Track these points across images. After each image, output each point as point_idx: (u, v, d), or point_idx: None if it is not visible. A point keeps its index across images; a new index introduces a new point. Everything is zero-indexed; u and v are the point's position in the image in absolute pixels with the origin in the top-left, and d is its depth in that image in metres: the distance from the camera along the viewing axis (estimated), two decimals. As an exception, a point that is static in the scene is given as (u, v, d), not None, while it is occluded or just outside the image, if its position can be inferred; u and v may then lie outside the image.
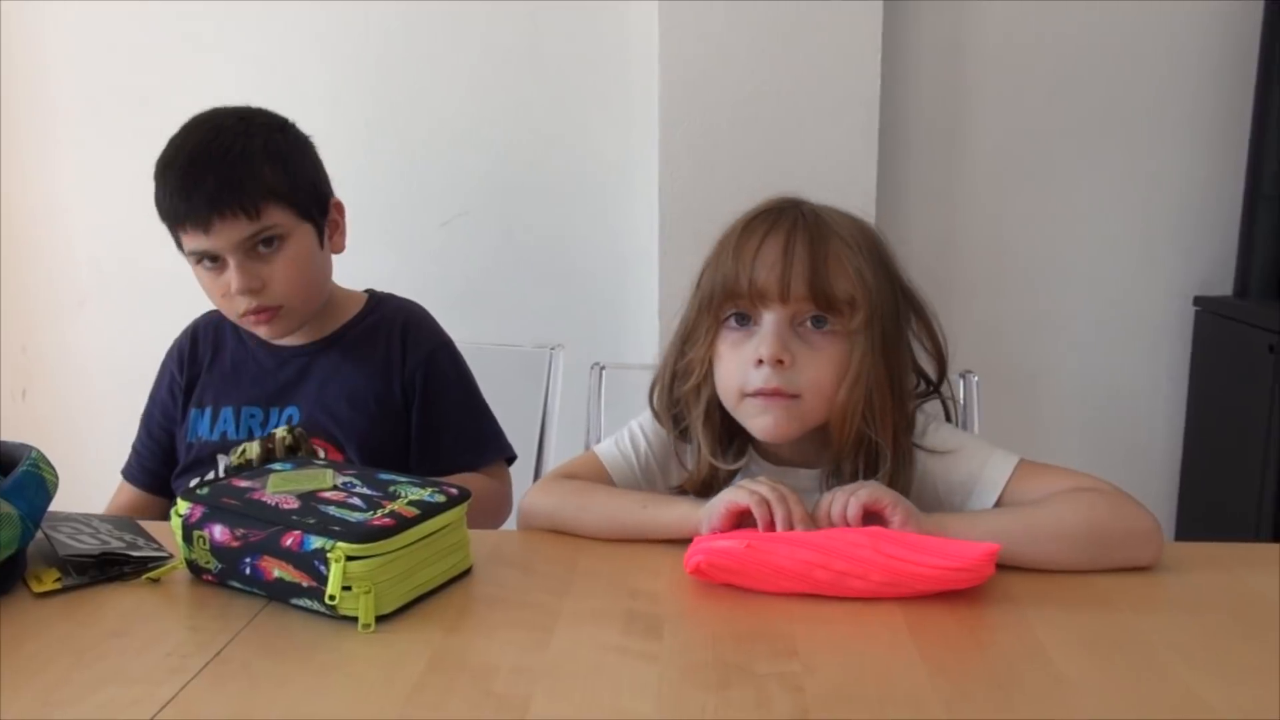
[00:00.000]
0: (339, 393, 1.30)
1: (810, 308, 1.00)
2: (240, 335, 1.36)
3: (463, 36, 2.00)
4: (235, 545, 0.87)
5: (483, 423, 1.36)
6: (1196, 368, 2.04)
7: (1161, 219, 2.03)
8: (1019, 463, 1.02)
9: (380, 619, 0.83)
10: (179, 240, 1.24)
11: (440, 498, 0.91)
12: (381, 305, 1.38)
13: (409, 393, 1.32)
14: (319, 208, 1.30)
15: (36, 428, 2.14)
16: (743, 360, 1.01)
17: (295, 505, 0.88)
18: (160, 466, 1.36)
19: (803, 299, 0.99)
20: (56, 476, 0.95)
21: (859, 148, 1.88)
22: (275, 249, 1.23)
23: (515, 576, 0.94)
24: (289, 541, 0.84)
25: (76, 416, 2.16)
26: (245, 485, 0.93)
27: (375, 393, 1.30)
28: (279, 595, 0.86)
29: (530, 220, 2.06)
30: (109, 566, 0.93)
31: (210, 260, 1.23)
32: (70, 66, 2.06)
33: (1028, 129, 2.01)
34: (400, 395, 1.31)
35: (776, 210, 1.04)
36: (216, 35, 2.02)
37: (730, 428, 1.07)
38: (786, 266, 0.99)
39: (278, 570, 0.84)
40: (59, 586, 0.90)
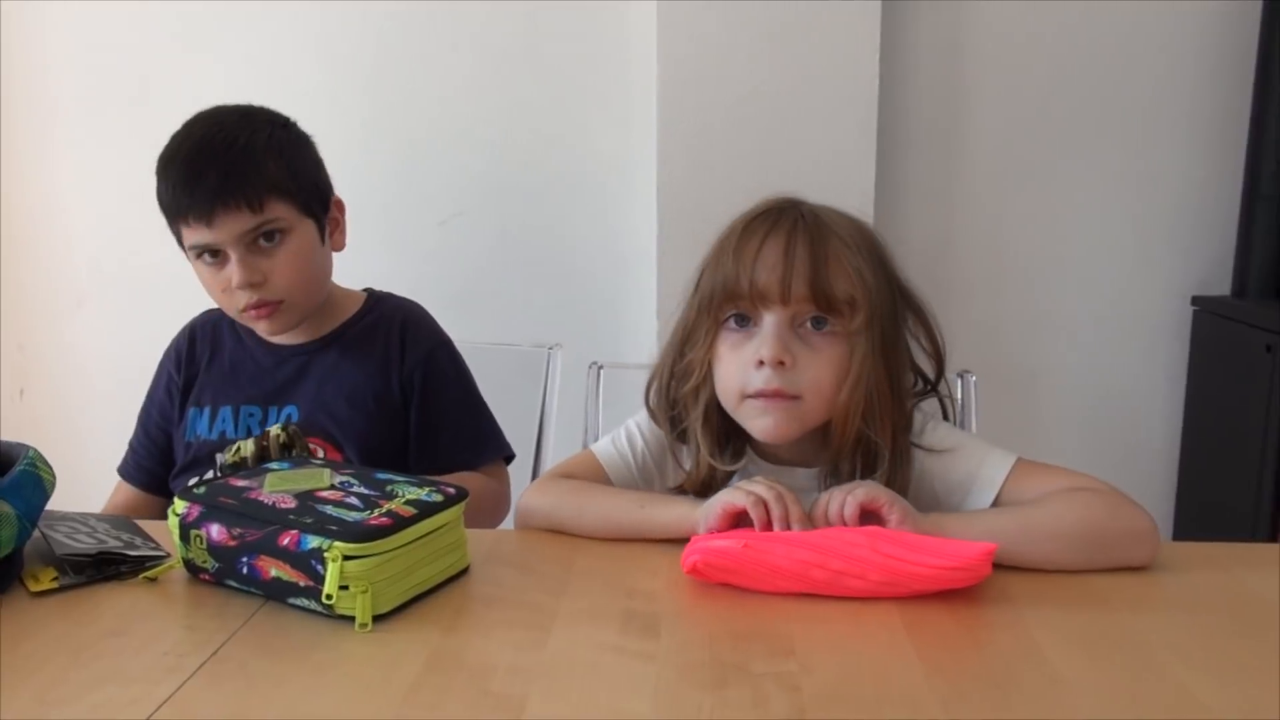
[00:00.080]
0: (338, 392, 1.30)
1: (811, 309, 1.00)
2: (239, 334, 1.36)
3: (460, 36, 2.00)
4: (232, 544, 0.87)
5: (481, 422, 1.36)
6: (1194, 367, 2.04)
7: (1159, 219, 2.03)
8: (1016, 461, 1.02)
9: (377, 618, 0.83)
10: (180, 235, 1.24)
11: (438, 497, 0.91)
12: (380, 304, 1.38)
13: (408, 391, 1.32)
14: (320, 204, 1.30)
15: (34, 427, 2.15)
16: (743, 362, 1.01)
17: (292, 505, 0.88)
18: (157, 465, 1.36)
19: (803, 300, 0.99)
20: (53, 476, 0.94)
21: (857, 147, 1.88)
22: (277, 243, 1.23)
23: (513, 576, 0.94)
24: (286, 541, 0.84)
25: (74, 416, 2.16)
26: (242, 485, 0.93)
27: (374, 391, 1.30)
28: (276, 595, 0.86)
29: (528, 220, 2.06)
30: (106, 566, 0.93)
31: (211, 255, 1.23)
32: (69, 66, 2.06)
33: (1026, 129, 2.01)
34: (399, 394, 1.31)
35: (776, 211, 1.04)
36: (214, 35, 2.02)
37: (729, 428, 1.07)
38: (787, 268, 0.99)
39: (275, 570, 0.84)
40: (56, 586, 0.90)
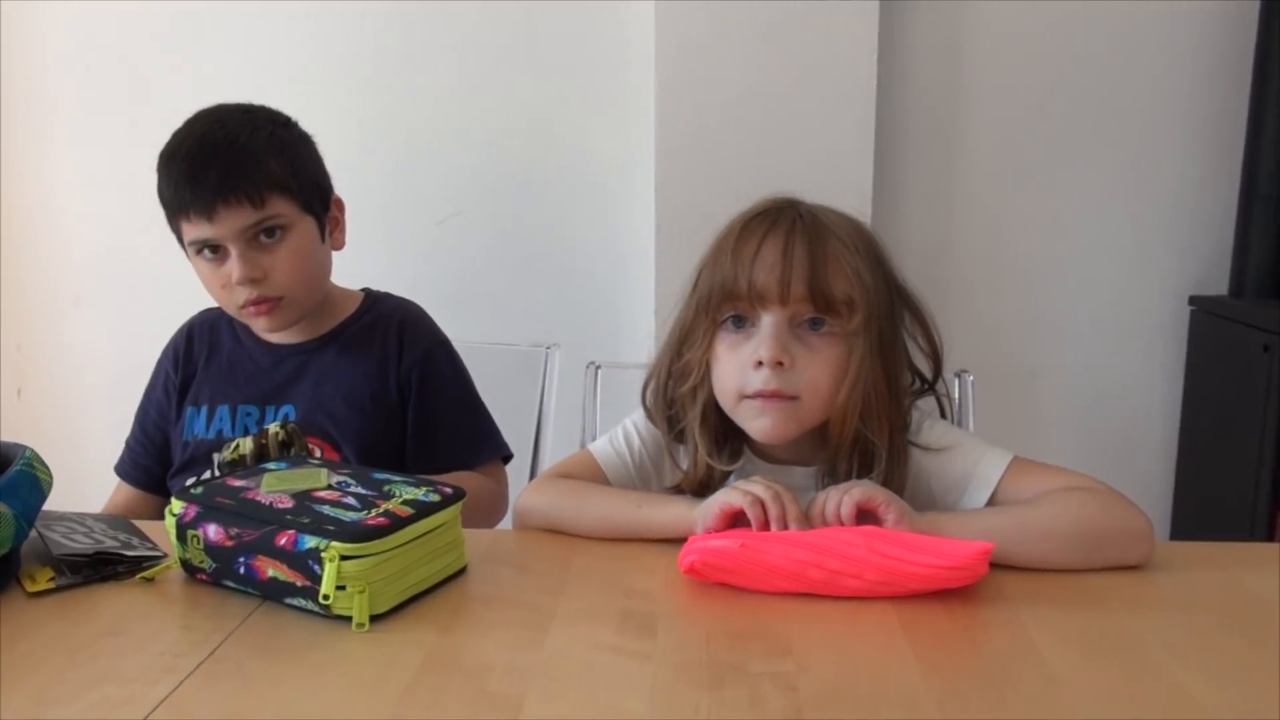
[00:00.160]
0: (335, 391, 1.30)
1: (809, 309, 1.00)
2: (237, 333, 1.36)
3: (458, 35, 2.00)
4: (229, 545, 0.87)
5: (479, 421, 1.36)
6: (1191, 367, 2.04)
7: (1157, 218, 2.03)
8: (1013, 460, 1.02)
9: (374, 618, 0.83)
10: (180, 230, 1.24)
11: (435, 497, 0.91)
12: (378, 304, 1.38)
13: (405, 391, 1.32)
14: (321, 202, 1.30)
15: (32, 426, 2.14)
16: (741, 362, 1.01)
17: (290, 504, 0.88)
18: (153, 463, 1.36)
19: (802, 300, 0.99)
20: (50, 476, 0.95)
21: (855, 147, 1.88)
22: (277, 239, 1.23)
23: (510, 576, 0.94)
24: (283, 541, 0.84)
25: (72, 415, 2.16)
26: (240, 484, 0.93)
27: (372, 391, 1.30)
28: (273, 595, 0.86)
29: (526, 219, 2.06)
30: (103, 566, 0.92)
31: (211, 250, 1.23)
32: (68, 66, 2.06)
33: (1023, 129, 2.01)
34: (396, 393, 1.31)
35: (774, 211, 1.04)
36: (213, 36, 2.02)
37: (726, 428, 1.07)
38: (786, 268, 0.99)
39: (272, 570, 0.84)
40: (53, 586, 0.90)
